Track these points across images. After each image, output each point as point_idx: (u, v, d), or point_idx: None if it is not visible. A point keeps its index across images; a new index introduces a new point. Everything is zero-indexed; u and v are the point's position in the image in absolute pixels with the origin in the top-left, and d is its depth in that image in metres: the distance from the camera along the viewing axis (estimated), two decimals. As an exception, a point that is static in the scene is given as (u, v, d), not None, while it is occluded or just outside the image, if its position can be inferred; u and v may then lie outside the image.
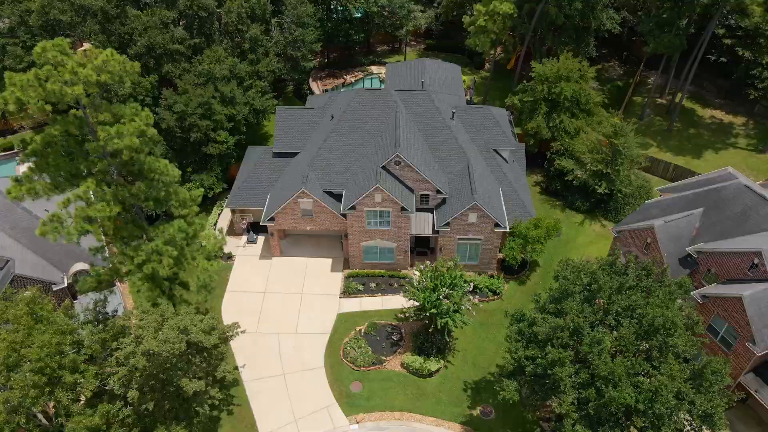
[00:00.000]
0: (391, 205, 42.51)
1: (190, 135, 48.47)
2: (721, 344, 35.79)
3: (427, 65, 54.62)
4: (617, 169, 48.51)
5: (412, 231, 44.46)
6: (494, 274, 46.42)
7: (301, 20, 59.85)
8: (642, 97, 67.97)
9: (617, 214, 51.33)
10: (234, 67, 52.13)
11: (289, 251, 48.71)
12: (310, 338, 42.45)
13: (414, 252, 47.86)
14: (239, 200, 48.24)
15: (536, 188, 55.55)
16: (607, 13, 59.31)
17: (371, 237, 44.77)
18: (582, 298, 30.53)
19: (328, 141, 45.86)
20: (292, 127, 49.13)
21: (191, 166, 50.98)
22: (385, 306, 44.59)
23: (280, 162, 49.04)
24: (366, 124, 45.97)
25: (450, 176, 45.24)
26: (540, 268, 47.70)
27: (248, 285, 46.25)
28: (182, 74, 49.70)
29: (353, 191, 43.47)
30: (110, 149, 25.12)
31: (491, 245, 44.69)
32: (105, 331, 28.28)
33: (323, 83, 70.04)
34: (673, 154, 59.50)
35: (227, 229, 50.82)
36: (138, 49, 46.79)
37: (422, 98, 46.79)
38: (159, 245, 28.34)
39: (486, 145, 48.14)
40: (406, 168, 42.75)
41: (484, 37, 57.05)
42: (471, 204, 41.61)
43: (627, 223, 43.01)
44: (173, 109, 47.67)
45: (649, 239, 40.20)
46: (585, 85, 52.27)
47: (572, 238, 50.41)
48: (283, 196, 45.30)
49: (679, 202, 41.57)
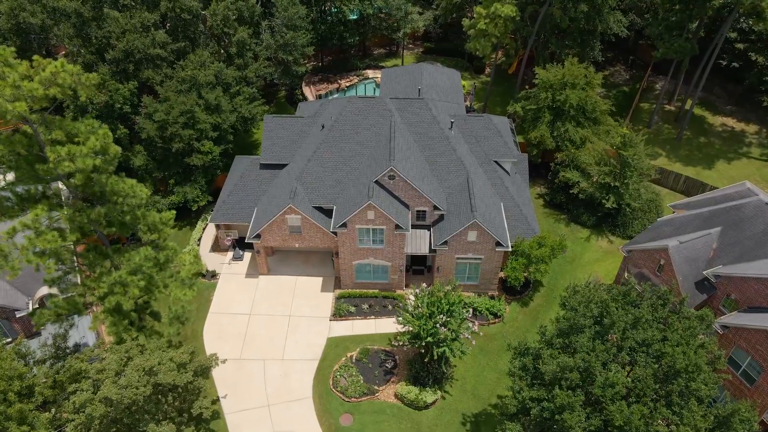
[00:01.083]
0: (385, 223, 39.60)
1: (171, 145, 45.54)
2: (742, 378, 32.87)
3: (425, 70, 51.71)
4: (626, 183, 45.58)
5: (407, 250, 41.53)
6: (495, 295, 43.50)
7: (293, 23, 56.92)
8: (650, 103, 65.06)
9: (625, 229, 48.43)
10: (220, 72, 49.21)
11: (277, 269, 45.77)
12: (298, 365, 39.52)
13: (410, 271, 44.96)
14: (224, 215, 45.29)
15: (539, 201, 52.62)
16: (614, 15, 56.42)
17: (364, 256, 41.85)
18: (593, 334, 27.62)
19: (318, 152, 42.94)
20: (280, 137, 46.21)
21: (174, 178, 48.06)
22: (378, 329, 41.66)
23: (267, 174, 46.12)
24: (358, 135, 43.05)
25: (448, 191, 42.32)
26: (544, 288, 44.78)
27: (233, 306, 43.30)
28: (164, 80, 46.76)
29: (344, 207, 40.55)
30: (61, 172, 22.21)
31: (492, 265, 41.77)
32: (62, 372, 25.30)
33: (317, 88, 67.07)
34: (683, 164, 56.59)
35: (212, 244, 47.93)
36: (116, 53, 43.84)
37: (419, 107, 43.87)
38: (123, 276, 25.41)
39: (486, 157, 45.21)
40: (400, 183, 39.84)
41: (484, 41, 54.12)
42: (470, 222, 38.70)
43: (638, 242, 40.08)
44: (153, 117, 44.75)
45: (662, 261, 37.27)
46: (591, 93, 49.34)
47: (578, 255, 47.48)
48: (270, 211, 42.39)
49: (695, 221, 38.65)
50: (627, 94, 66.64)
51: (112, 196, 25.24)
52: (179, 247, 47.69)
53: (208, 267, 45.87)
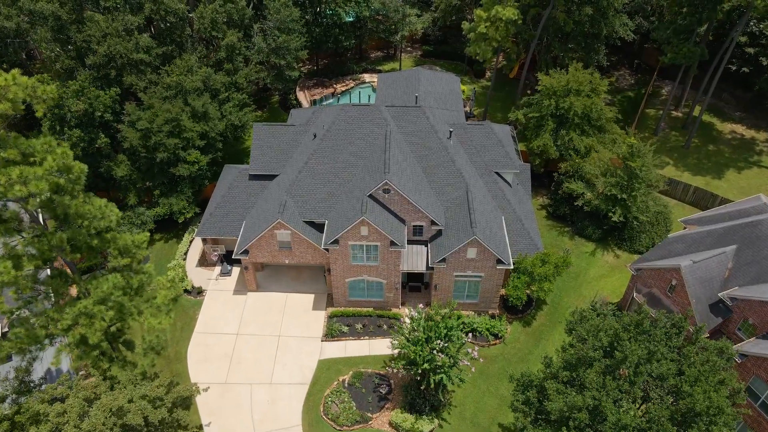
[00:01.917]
0: (379, 239, 37.34)
1: (156, 155, 43.28)
2: (761, 410, 30.62)
3: (422, 76, 49.44)
4: (633, 195, 43.30)
5: (403, 267, 39.29)
6: (496, 314, 41.24)
7: (285, 25, 54.67)
8: (656, 109, 62.82)
9: (633, 243, 46.15)
10: (208, 78, 46.94)
11: (266, 285, 43.50)
12: (287, 390, 37.26)
13: (406, 287, 42.71)
14: (211, 228, 43.04)
15: (542, 212, 50.34)
16: (620, 19, 54.19)
17: (357, 273, 39.59)
18: (603, 368, 25.37)
19: (309, 163, 40.68)
20: (270, 146, 43.95)
21: (159, 189, 45.77)
22: (372, 351, 39.39)
23: (256, 185, 43.87)
24: (352, 145, 40.79)
25: (446, 204, 40.07)
26: (547, 306, 42.52)
27: (219, 325, 41.04)
28: (148, 87, 44.49)
29: (336, 222, 38.29)
30: (12, 197, 19.96)
31: (493, 283, 39.51)
32: (21, 413, 23.03)
33: (311, 93, 64.85)
34: (692, 173, 54.33)
35: (199, 258, 45.68)
36: (97, 59, 41.56)
37: (416, 115, 41.61)
38: (88, 306, 23.14)
39: (487, 168, 42.96)
40: (396, 197, 37.58)
41: (485, 45, 51.87)
42: (470, 239, 36.43)
43: (647, 259, 37.83)
44: (137, 126, 42.48)
45: (674, 281, 35.02)
46: (597, 100, 47.08)
47: (583, 270, 45.21)
48: (258, 225, 40.14)
49: (708, 238, 36.41)
50: (632, 100, 64.39)
51: (76, 219, 22.99)
52: (165, 260, 45.92)
53: (194, 283, 43.69)
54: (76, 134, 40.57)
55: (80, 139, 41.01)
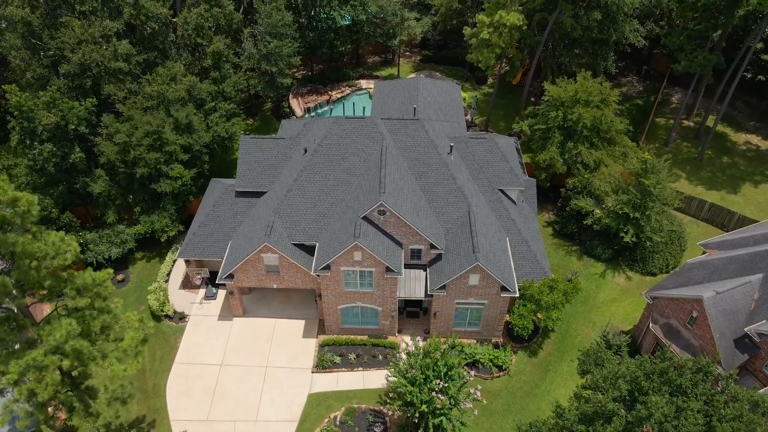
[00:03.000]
0: (374, 265, 34.44)
1: (135, 170, 40.37)
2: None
3: (421, 85, 46.51)
4: (647, 214, 40.41)
5: (400, 294, 36.38)
6: (499, 342, 38.35)
7: (277, 30, 51.76)
8: (666, 118, 59.91)
9: (645, 264, 43.23)
10: (193, 87, 44.03)
11: (254, 310, 40.61)
12: (274, 428, 34.35)
13: (404, 313, 39.82)
14: (194, 249, 40.13)
15: (548, 229, 47.42)
16: (630, 24, 51.27)
17: (350, 300, 36.70)
18: (623, 424, 22.46)
19: (299, 181, 37.76)
20: (258, 161, 41.04)
21: (140, 205, 42.84)
22: (366, 384, 36.48)
23: (243, 202, 40.97)
24: (345, 161, 37.89)
25: (447, 225, 37.17)
26: (555, 334, 39.61)
27: (202, 354, 38.11)
28: (127, 97, 41.57)
29: (327, 246, 35.38)
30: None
31: (497, 310, 36.61)
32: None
33: (305, 100, 61.92)
34: (705, 187, 51.42)
35: (182, 280, 42.77)
36: (71, 67, 38.63)
37: (414, 128, 38.70)
38: (38, 358, 20.23)
39: (490, 185, 40.05)
40: (392, 218, 34.67)
41: (487, 51, 48.95)
42: (472, 265, 33.52)
43: (665, 287, 34.93)
44: (114, 139, 39.57)
45: (695, 313, 32.13)
46: (607, 111, 44.16)
47: (592, 293, 42.30)
48: (244, 247, 37.23)
49: (731, 265, 33.53)
50: (641, 108, 61.53)
51: (23, 259, 20.08)
52: (146, 281, 43.00)
53: (176, 307, 40.80)
54: (47, 149, 37.64)
55: (52, 154, 38.09)
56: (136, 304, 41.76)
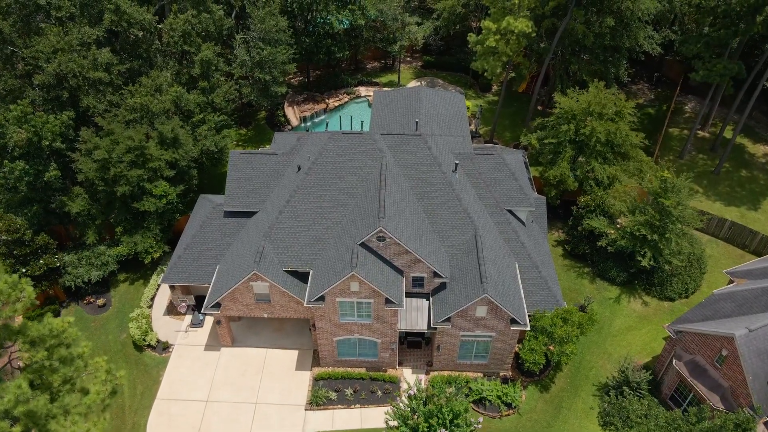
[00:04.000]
0: (373, 296, 31.59)
1: (116, 188, 37.51)
2: None
3: (423, 95, 43.63)
4: (667, 237, 37.58)
5: (400, 325, 33.54)
6: (508, 376, 35.51)
7: (271, 36, 48.91)
8: (679, 128, 57.10)
9: (663, 288, 40.42)
10: (179, 98, 41.18)
11: (243, 339, 37.76)
12: (263, 473, 31.56)
13: (405, 343, 36.99)
14: (179, 275, 37.31)
15: (558, 249, 44.56)
16: (645, 31, 48.40)
17: (347, 332, 33.87)
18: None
19: (292, 202, 34.89)
20: (249, 179, 38.22)
21: (122, 225, 39.95)
22: (364, 422, 33.67)
23: (232, 223, 38.17)
24: (342, 180, 35.02)
25: (452, 250, 34.32)
26: (567, 366, 36.75)
27: (186, 389, 35.25)
28: (108, 109, 38.71)
29: (322, 274, 32.52)
30: None
31: (505, 343, 33.79)
32: None
33: (301, 109, 59.07)
34: (724, 203, 48.61)
35: (167, 305, 39.91)
36: (45, 78, 35.76)
37: (416, 145, 35.84)
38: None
39: (498, 205, 37.22)
40: (392, 245, 31.83)
41: (493, 59, 46.12)
42: (480, 296, 30.69)
43: (689, 320, 32.10)
44: (93, 156, 36.69)
45: (725, 351, 29.29)
46: (622, 125, 41.31)
47: (607, 320, 39.46)
48: (232, 274, 34.38)
49: (763, 297, 30.70)
50: (652, 117, 58.69)
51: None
52: (129, 306, 40.08)
53: (159, 336, 37.96)
54: (19, 167, 34.79)
55: (24, 173, 35.22)
56: (118, 332, 38.91)
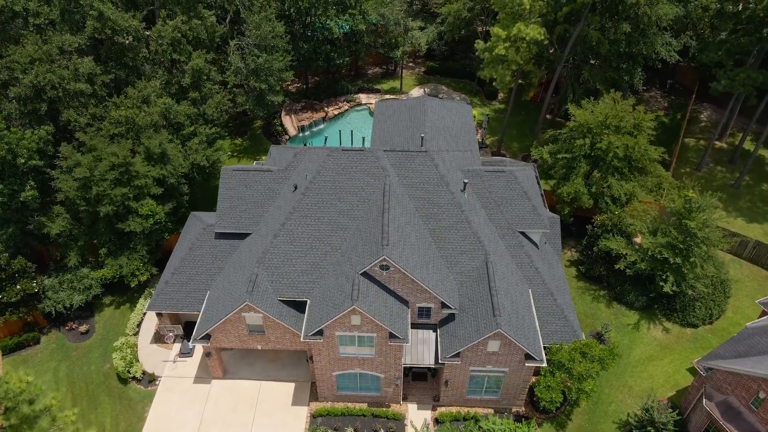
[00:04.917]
0: (375, 330, 28.96)
1: (98, 208, 34.87)
2: None
3: (428, 107, 40.99)
4: (691, 260, 34.94)
5: (406, 360, 30.89)
6: (522, 413, 32.87)
7: (267, 42, 46.32)
8: (695, 138, 54.47)
9: (685, 314, 37.79)
10: (168, 110, 38.56)
11: (235, 370, 35.11)
12: None
13: (409, 375, 34.36)
14: (166, 301, 34.66)
15: (571, 270, 41.89)
16: (662, 38, 45.77)
17: (347, 366, 31.23)
18: None
19: (287, 225, 32.25)
20: (242, 197, 35.56)
21: (106, 247, 37.30)
22: (366, 465, 31.07)
23: (224, 245, 35.53)
24: (341, 201, 32.38)
25: (461, 278, 31.69)
26: (584, 402, 34.06)
27: (173, 427, 32.57)
28: (91, 123, 36.08)
29: (320, 306, 29.87)
30: None
31: (519, 379, 31.16)
32: None
33: (299, 118, 56.45)
34: (745, 219, 45.97)
35: (155, 333, 37.25)
36: (22, 90, 33.13)
37: (421, 162, 33.20)
38: None
39: (510, 227, 34.58)
40: (397, 274, 29.19)
41: (502, 68, 43.51)
42: (493, 331, 28.05)
43: (721, 356, 29.44)
44: (74, 174, 34.06)
45: (762, 394, 26.67)
46: (641, 139, 38.69)
47: (626, 349, 36.81)
48: (223, 303, 31.73)
49: (803, 333, 28.07)
50: (666, 126, 55.98)
51: None
52: (113, 333, 37.37)
53: (145, 367, 35.33)
54: (-8, 187, 32.26)
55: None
56: (101, 361, 36.26)
